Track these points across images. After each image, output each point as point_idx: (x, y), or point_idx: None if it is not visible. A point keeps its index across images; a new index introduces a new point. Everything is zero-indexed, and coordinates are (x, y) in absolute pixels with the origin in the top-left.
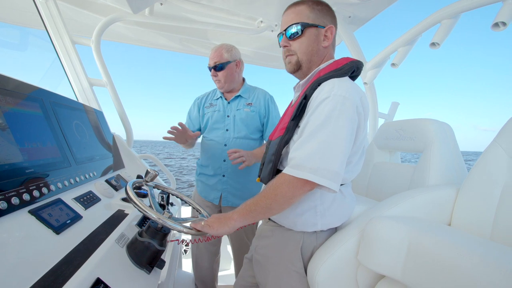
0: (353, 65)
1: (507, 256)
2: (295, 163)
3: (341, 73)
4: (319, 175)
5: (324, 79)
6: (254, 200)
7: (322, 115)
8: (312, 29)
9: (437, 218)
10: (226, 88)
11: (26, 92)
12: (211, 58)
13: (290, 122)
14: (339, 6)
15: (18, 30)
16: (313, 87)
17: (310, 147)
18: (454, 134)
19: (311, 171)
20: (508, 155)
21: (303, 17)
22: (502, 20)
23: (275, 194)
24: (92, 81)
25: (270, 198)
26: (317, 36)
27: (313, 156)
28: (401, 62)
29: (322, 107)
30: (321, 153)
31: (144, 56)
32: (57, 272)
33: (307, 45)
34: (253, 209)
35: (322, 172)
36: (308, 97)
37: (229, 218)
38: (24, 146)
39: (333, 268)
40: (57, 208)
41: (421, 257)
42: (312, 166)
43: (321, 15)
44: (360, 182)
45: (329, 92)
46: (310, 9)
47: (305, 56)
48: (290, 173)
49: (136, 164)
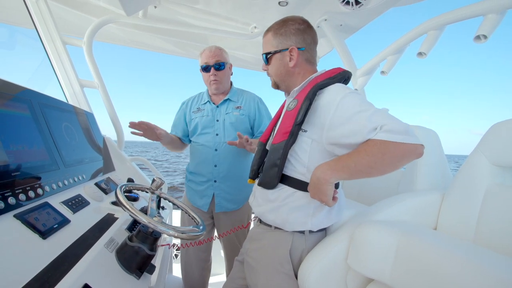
0: (344, 74)
1: (488, 259)
2: (389, 128)
3: (334, 81)
4: (414, 137)
5: (323, 85)
6: (352, 156)
7: (355, 102)
8: (276, 55)
9: (423, 222)
10: (221, 89)
11: (14, 93)
12: (209, 57)
13: (294, 126)
14: (331, 15)
15: (5, 29)
16: (314, 91)
17: (380, 116)
18: (440, 140)
19: (408, 134)
20: (490, 162)
21: (268, 46)
22: (483, 33)
23: (383, 153)
24: (83, 82)
25: (375, 157)
26: (281, 60)
27: (395, 121)
28: (390, 70)
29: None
30: (392, 118)
31: (138, 56)
32: (43, 278)
33: (276, 69)
34: (352, 166)
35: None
36: (311, 101)
37: (322, 180)
38: (11, 148)
39: (324, 272)
40: (44, 212)
41: (408, 261)
42: (403, 131)
43: (283, 38)
44: (351, 187)
45: (344, 91)
46: (274, 36)
47: (277, 78)
48: (392, 139)
49: (127, 167)
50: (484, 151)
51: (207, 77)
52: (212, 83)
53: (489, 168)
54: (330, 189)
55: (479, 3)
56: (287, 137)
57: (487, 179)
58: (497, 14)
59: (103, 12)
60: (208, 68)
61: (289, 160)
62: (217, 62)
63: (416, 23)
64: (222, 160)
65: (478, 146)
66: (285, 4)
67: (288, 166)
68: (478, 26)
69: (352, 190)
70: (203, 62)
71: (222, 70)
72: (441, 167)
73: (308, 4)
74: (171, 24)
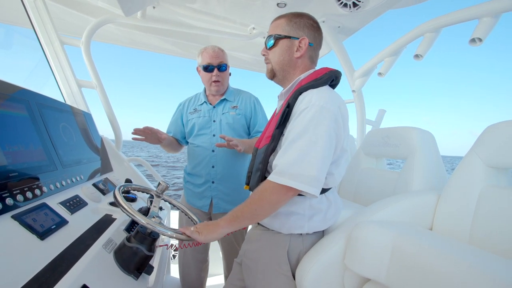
0: (331, 74)
1: (483, 260)
2: (277, 170)
3: (321, 82)
4: (298, 180)
5: (305, 88)
6: (240, 207)
7: (301, 124)
8: (285, 40)
9: (419, 223)
10: (221, 91)
11: (11, 93)
12: (213, 57)
13: (275, 130)
14: (329, 17)
15: (2, 28)
16: (295, 96)
17: (291, 155)
18: (436, 142)
19: (291, 177)
20: (484, 164)
21: (278, 30)
22: (478, 36)
23: (261, 200)
24: (81, 82)
25: (255, 204)
26: (289, 47)
27: (293, 163)
28: (387, 71)
29: (301, 117)
30: (300, 160)
31: (136, 56)
32: (41, 279)
33: (279, 54)
34: (239, 216)
35: (301, 178)
36: (291, 105)
37: (217, 225)
38: (9, 149)
39: (321, 272)
40: (42, 213)
41: (404, 261)
42: (292, 173)
43: (297, 27)
44: (348, 187)
45: (308, 103)
46: (288, 22)
47: (277, 65)
48: (273, 179)
49: (125, 168)
50: (479, 153)
51: (208, 77)
52: (213, 84)
53: (484, 169)
54: (214, 235)
55: (474, 6)
56: (269, 141)
57: (482, 180)
58: (492, 18)
59: (101, 12)
60: (211, 68)
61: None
62: (220, 63)
63: (413, 25)
64: (219, 161)
65: (473, 147)
66: (284, 6)
67: (270, 170)
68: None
69: (349, 190)
70: (205, 61)
71: (224, 71)
72: (437, 168)
73: (306, 5)
74: (169, 25)
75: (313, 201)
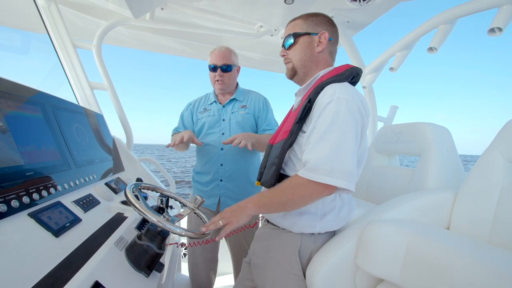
0: (353, 71)
1: (504, 259)
2: (310, 166)
3: (341, 78)
4: (335, 177)
5: (327, 83)
6: (269, 194)
7: (328, 117)
8: (304, 37)
9: (435, 221)
10: (225, 90)
11: (28, 96)
12: (218, 58)
13: (294, 125)
14: (338, 12)
15: (20, 34)
16: (316, 91)
17: (322, 149)
18: (452, 137)
19: (326, 173)
20: (505, 159)
21: (296, 28)
22: (497, 26)
23: (293, 193)
24: (93, 84)
25: (287, 196)
26: (310, 43)
27: (327, 158)
28: (399, 66)
29: (327, 110)
30: (333, 154)
31: (147, 58)
32: (55, 275)
33: (300, 51)
34: (267, 203)
35: (337, 173)
36: (312, 100)
37: (244, 207)
38: (25, 149)
39: (332, 272)
40: (57, 211)
41: (419, 261)
42: (327, 168)
43: (314, 24)
44: (359, 186)
45: (332, 96)
46: (304, 21)
47: (299, 62)
48: (306, 176)
49: (136, 167)
50: (499, 148)
51: (212, 76)
52: (216, 83)
53: (504, 165)
54: (245, 219)
55: None
56: (287, 136)
57: (503, 177)
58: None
59: (111, 16)
60: (215, 68)
61: (291, 160)
62: (224, 64)
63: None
64: (228, 159)
65: (493, 143)
66: (291, 2)
67: (290, 165)
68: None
69: (360, 189)
70: (211, 62)
71: (228, 72)
72: (453, 165)
73: (314, 1)
74: (178, 25)
75: (327, 200)
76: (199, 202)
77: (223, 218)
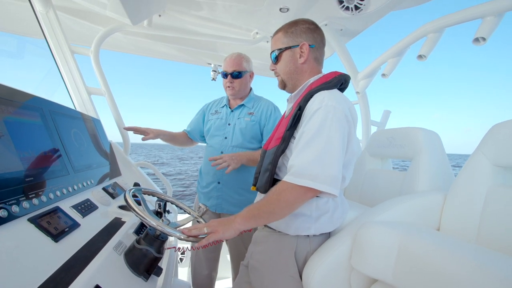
0: (341, 78)
1: (491, 259)
2: (295, 170)
3: (330, 85)
4: (318, 181)
5: (316, 91)
6: (257, 205)
7: (316, 124)
8: (286, 52)
9: (426, 223)
10: (237, 95)
11: (27, 102)
12: (229, 65)
13: (285, 132)
14: (331, 20)
15: (16, 39)
16: (306, 98)
17: (308, 155)
18: (442, 141)
19: (311, 178)
20: (491, 163)
21: (278, 44)
22: (481, 36)
23: (278, 200)
24: (90, 90)
25: (273, 204)
26: (292, 56)
27: (311, 164)
28: (391, 72)
29: (315, 117)
30: (318, 160)
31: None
32: (56, 279)
33: (284, 65)
34: (256, 214)
35: (321, 178)
36: (302, 107)
37: (232, 221)
38: (24, 155)
39: (327, 273)
40: (56, 216)
41: (411, 261)
42: (311, 173)
43: (294, 36)
44: (353, 189)
45: (321, 103)
46: (284, 34)
47: (285, 75)
48: (291, 181)
49: (133, 172)
50: (485, 152)
51: (224, 82)
52: (227, 89)
53: (490, 168)
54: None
55: (478, 6)
56: (279, 142)
57: (489, 180)
58: (495, 17)
59: (109, 22)
60: (226, 75)
61: (284, 165)
62: (234, 71)
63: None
64: None
65: (479, 147)
66: (286, 11)
67: (283, 171)
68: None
69: (354, 192)
70: (223, 68)
71: (239, 78)
72: (443, 168)
73: (308, 9)
74: (175, 32)
75: (320, 202)
76: (203, 211)
77: (209, 226)
